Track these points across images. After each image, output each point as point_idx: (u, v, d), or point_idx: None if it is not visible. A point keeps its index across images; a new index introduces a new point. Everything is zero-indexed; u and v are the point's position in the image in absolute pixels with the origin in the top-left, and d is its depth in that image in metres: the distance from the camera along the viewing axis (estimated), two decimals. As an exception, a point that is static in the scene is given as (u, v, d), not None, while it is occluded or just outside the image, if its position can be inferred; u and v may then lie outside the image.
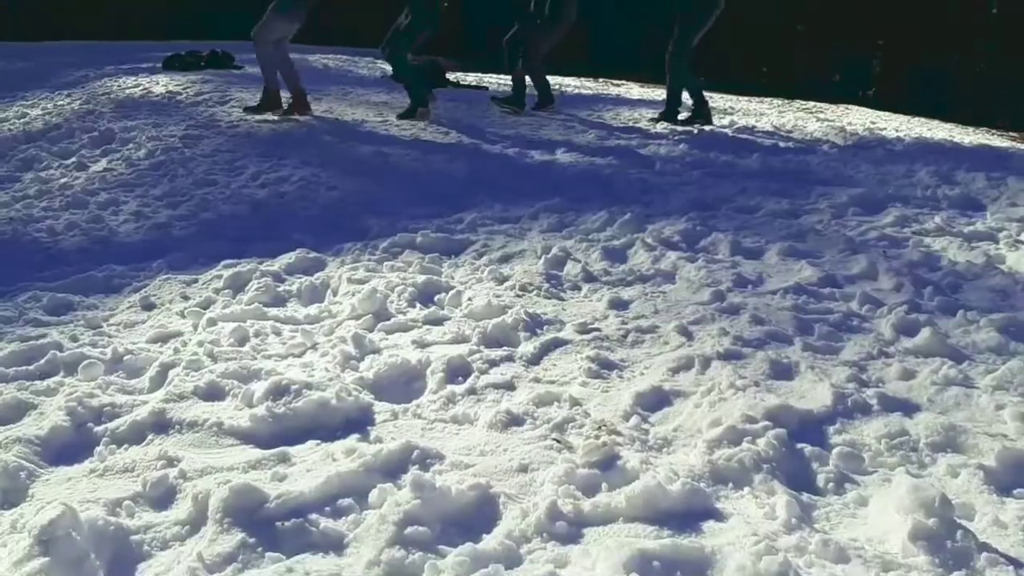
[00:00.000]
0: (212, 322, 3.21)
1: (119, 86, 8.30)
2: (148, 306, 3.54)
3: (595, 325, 3.08)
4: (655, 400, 2.54)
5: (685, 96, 7.35)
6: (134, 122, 6.72)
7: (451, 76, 10.50)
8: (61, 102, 7.80)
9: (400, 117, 7.11)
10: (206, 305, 3.44)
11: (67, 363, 2.90)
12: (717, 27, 7.18)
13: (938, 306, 3.23)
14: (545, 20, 7.26)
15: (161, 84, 8.20)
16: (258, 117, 6.72)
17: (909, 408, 2.47)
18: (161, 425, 2.45)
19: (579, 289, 3.51)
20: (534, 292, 3.43)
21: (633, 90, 10.98)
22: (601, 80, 12.95)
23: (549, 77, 7.93)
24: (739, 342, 2.89)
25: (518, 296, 3.39)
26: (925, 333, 2.90)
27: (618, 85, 11.98)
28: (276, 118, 6.71)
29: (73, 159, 6.00)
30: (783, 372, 2.69)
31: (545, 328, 3.07)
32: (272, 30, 6.56)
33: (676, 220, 4.36)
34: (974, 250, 3.91)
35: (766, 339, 2.92)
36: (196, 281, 3.75)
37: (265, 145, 6.09)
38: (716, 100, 10.30)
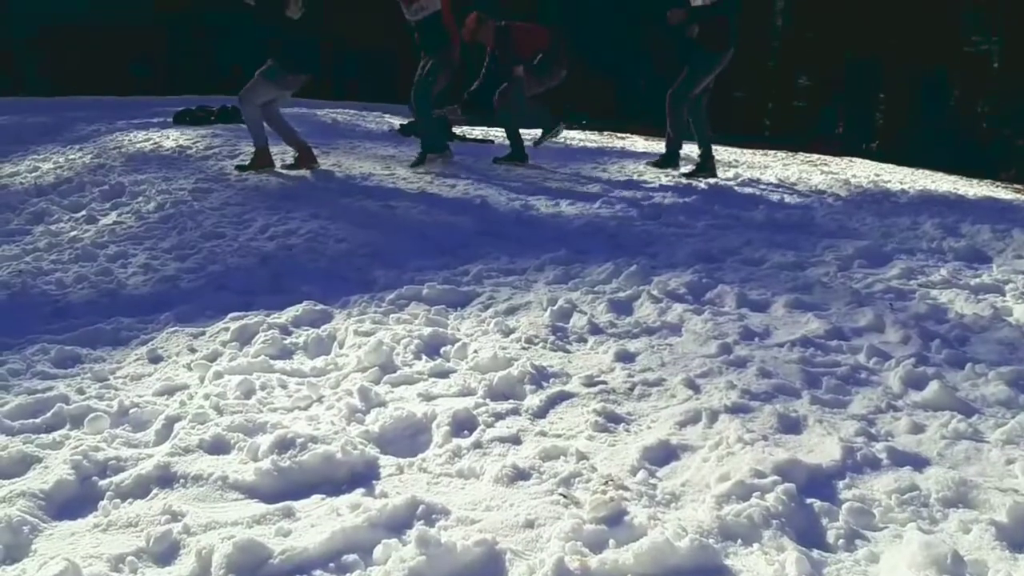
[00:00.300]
0: (218, 375, 3.21)
1: (130, 140, 8.41)
2: (155, 359, 3.55)
3: (601, 378, 3.07)
4: (663, 454, 2.52)
5: (688, 148, 7.41)
6: (144, 176, 6.80)
7: (457, 130, 10.62)
8: (73, 156, 7.90)
9: (412, 166, 7.33)
10: (213, 358, 3.44)
11: (73, 416, 2.90)
12: (722, 78, 7.22)
13: (946, 359, 3.22)
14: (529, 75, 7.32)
15: (172, 138, 8.31)
16: (254, 174, 6.78)
17: (919, 463, 2.44)
18: (166, 479, 2.44)
19: (585, 341, 3.51)
20: (540, 344, 3.43)
21: (637, 143, 11.08)
22: (606, 133, 13.09)
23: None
24: (747, 395, 2.87)
25: (524, 348, 3.39)
26: (934, 386, 2.88)
27: (623, 138, 12.10)
28: (290, 171, 6.78)
29: (83, 212, 6.06)
30: (791, 426, 2.67)
31: (551, 381, 3.06)
32: (258, 93, 6.63)
33: (682, 272, 4.37)
34: (981, 302, 3.91)
35: (774, 392, 2.91)
36: (203, 333, 3.76)
37: (274, 198, 6.14)
38: (720, 152, 10.38)
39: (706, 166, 7.29)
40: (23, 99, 14.91)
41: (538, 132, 7.96)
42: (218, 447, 2.62)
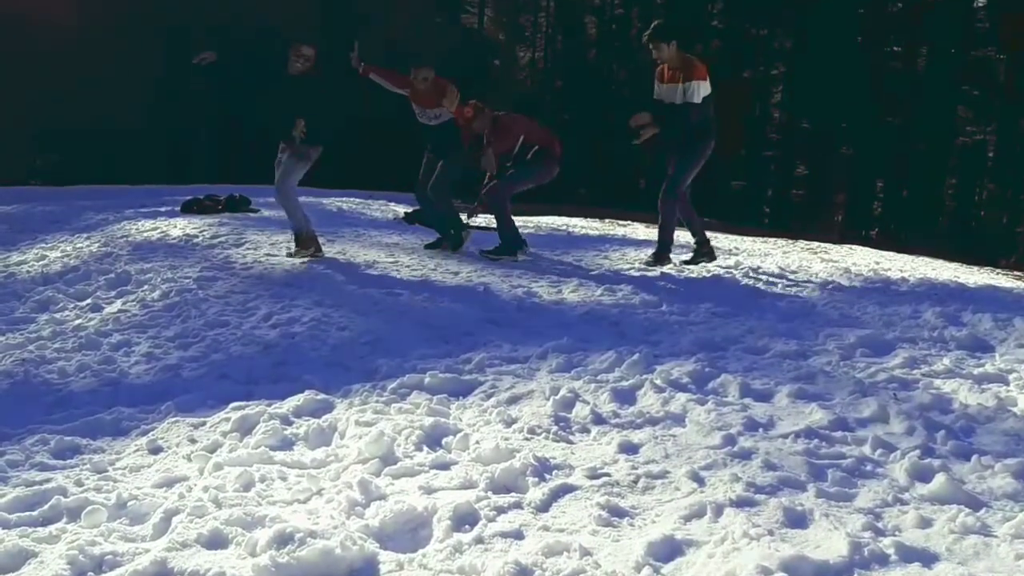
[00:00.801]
0: (218, 466, 3.19)
1: (137, 229, 8.51)
2: (155, 449, 3.53)
3: (605, 470, 3.05)
4: (667, 550, 2.49)
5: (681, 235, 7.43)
6: (150, 264, 6.86)
7: (462, 217, 10.74)
8: (80, 244, 7.98)
9: (427, 247, 7.56)
10: (213, 448, 3.43)
11: (71, 509, 2.88)
12: (714, 166, 7.30)
13: (952, 451, 3.20)
14: (519, 169, 7.39)
15: (178, 227, 8.41)
16: (300, 259, 6.89)
17: (927, 558, 2.41)
18: (162, 575, 2.40)
19: (588, 432, 3.49)
20: (543, 435, 3.41)
21: (638, 230, 11.18)
22: (607, 220, 13.24)
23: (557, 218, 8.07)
24: (751, 488, 2.84)
25: (526, 439, 3.37)
26: (940, 479, 2.85)
27: (624, 225, 12.22)
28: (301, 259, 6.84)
29: (88, 300, 6.10)
30: (797, 520, 2.64)
31: (554, 473, 3.03)
32: (295, 177, 6.82)
33: (685, 361, 4.37)
34: (985, 392, 3.89)
35: (779, 485, 2.88)
36: (204, 424, 3.75)
37: (278, 286, 6.18)
38: (720, 240, 10.49)
39: (702, 250, 7.30)
40: (33, 188, 15.15)
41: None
42: (216, 541, 2.59)
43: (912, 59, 31.13)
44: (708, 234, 7.48)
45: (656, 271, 6.99)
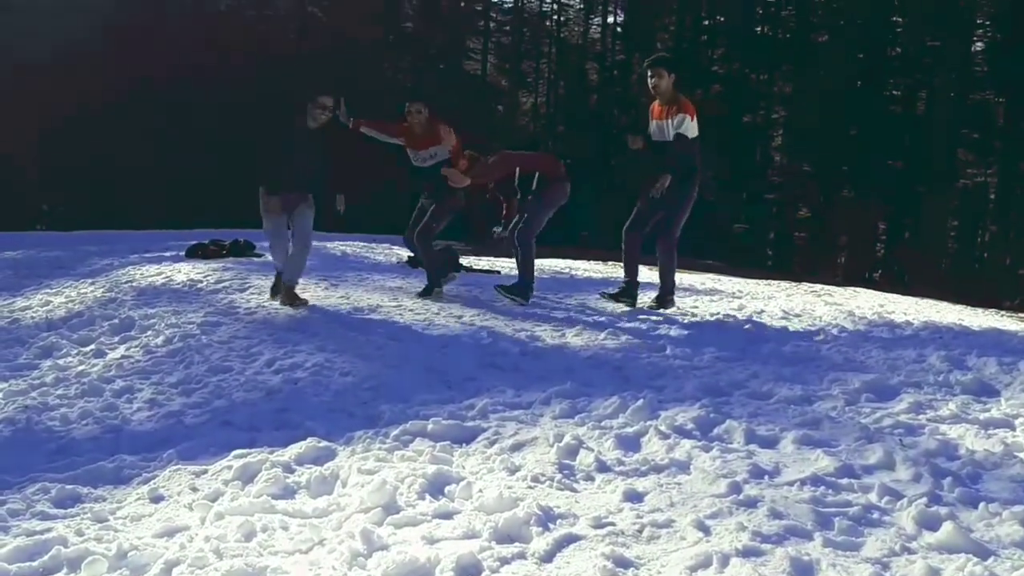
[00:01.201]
0: (220, 516, 3.17)
1: (142, 274, 8.54)
2: (156, 498, 3.51)
3: (610, 519, 3.02)
4: (673, 601, 2.45)
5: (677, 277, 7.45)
6: (154, 309, 6.88)
7: (464, 260, 10.78)
8: (84, 290, 8.01)
9: (419, 295, 7.46)
10: (214, 497, 3.40)
11: (71, 559, 2.86)
12: (717, 210, 7.32)
13: (959, 498, 3.16)
14: (531, 202, 7.40)
15: (183, 272, 8.44)
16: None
17: (937, 610, 2.37)
18: (162, 629, 2.38)
19: (592, 480, 3.46)
20: (547, 483, 3.39)
21: (642, 272, 11.18)
22: (610, 263, 13.26)
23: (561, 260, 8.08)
24: (758, 537, 2.81)
25: (530, 487, 3.34)
26: (947, 527, 2.82)
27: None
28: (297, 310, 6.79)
29: (92, 346, 6.11)
30: (804, 570, 2.61)
31: (558, 522, 3.00)
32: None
33: (689, 406, 4.34)
34: (991, 438, 3.86)
35: (785, 534, 2.85)
36: (206, 472, 3.73)
37: (281, 331, 6.19)
38: (724, 283, 10.51)
39: (629, 292, 7.27)
40: (39, 233, 15.24)
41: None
42: (216, 593, 2.56)
43: (912, 102, 31.41)
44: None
45: (660, 315, 6.99)
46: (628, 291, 7.32)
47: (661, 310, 7.11)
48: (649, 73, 6.98)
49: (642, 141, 7.06)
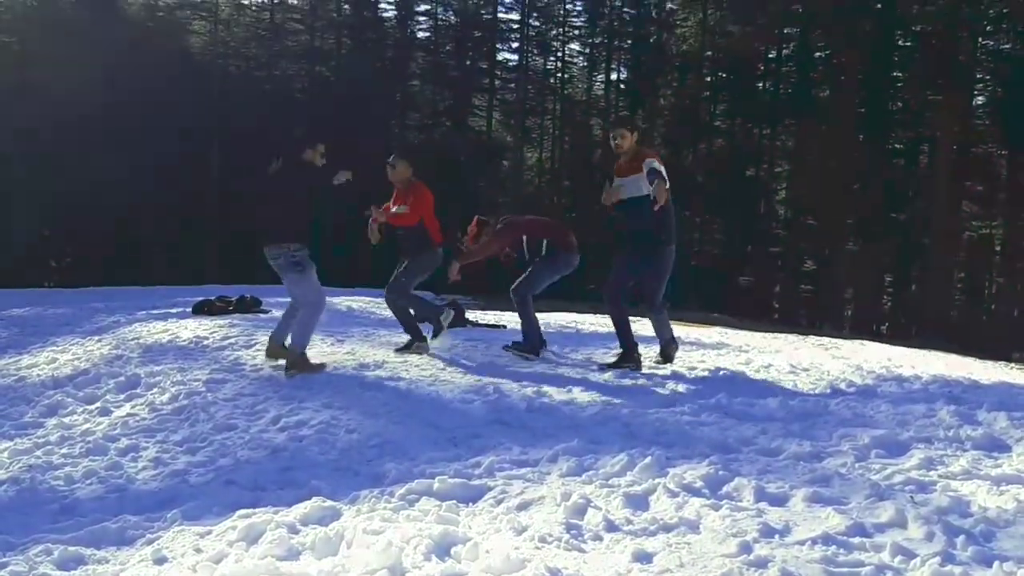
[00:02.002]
0: (223, 578, 3.13)
1: (148, 331, 8.56)
2: (160, 559, 3.48)
3: (618, 580, 2.97)
4: (683, 666, 2.40)
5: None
6: (160, 367, 6.88)
7: (470, 315, 10.80)
8: (91, 347, 8.03)
9: (399, 351, 7.46)
10: (218, 559, 3.37)
11: (72, 624, 2.81)
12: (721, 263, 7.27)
13: (972, 556, 3.11)
14: (537, 266, 7.44)
15: (189, 329, 8.46)
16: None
17: (955, 675, 2.32)
18: None
19: (600, 539, 3.41)
20: (554, 543, 3.34)
21: (648, 326, 11.17)
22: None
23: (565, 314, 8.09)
24: (769, 599, 2.77)
25: (537, 548, 3.30)
26: (963, 588, 2.78)
27: (634, 322, 12.21)
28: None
29: (97, 404, 6.10)
30: (817, 633, 2.56)
31: (566, 584, 2.96)
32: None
33: (698, 463, 4.31)
34: (1004, 494, 3.81)
35: (797, 595, 2.80)
36: (210, 532, 3.69)
37: (287, 388, 6.18)
38: (730, 336, 10.49)
39: (631, 357, 7.02)
40: (46, 290, 15.31)
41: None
42: (219, 659, 2.52)
43: (914, 155, 31.65)
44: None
45: (668, 367, 7.00)
46: (628, 355, 7.05)
47: (667, 364, 7.12)
48: (612, 135, 6.97)
49: (612, 197, 6.87)
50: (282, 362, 6.63)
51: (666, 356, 7.23)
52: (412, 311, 7.65)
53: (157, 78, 25.85)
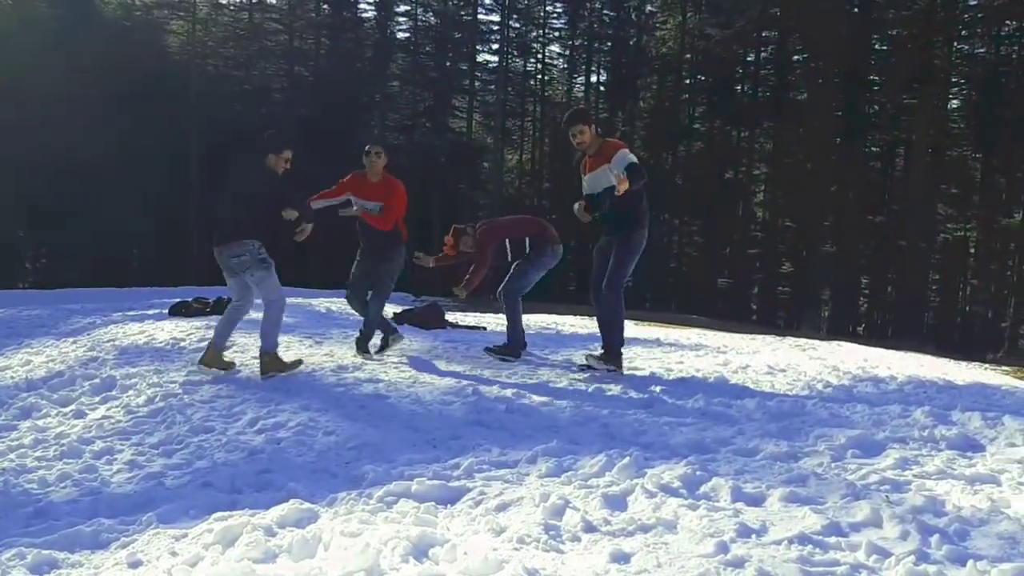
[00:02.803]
0: (199, 581, 3.10)
1: (124, 333, 8.49)
2: (134, 563, 3.44)
3: (596, 581, 2.98)
4: (660, 666, 2.41)
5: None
6: (136, 368, 6.82)
7: (450, 317, 10.79)
8: (66, 349, 7.94)
9: (379, 351, 7.53)
10: (194, 562, 3.34)
11: (44, 629, 2.78)
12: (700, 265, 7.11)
13: (947, 555, 3.14)
14: (521, 264, 7.42)
15: (166, 331, 8.39)
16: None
17: (928, 672, 2.34)
18: None
19: (579, 540, 3.41)
20: (532, 544, 3.34)
21: (627, 328, 11.20)
22: (595, 318, 13.27)
23: (548, 316, 8.09)
24: (745, 598, 2.78)
25: (515, 549, 3.29)
26: (937, 586, 2.80)
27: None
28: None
29: (72, 407, 6.03)
30: (793, 632, 2.57)
31: (544, 585, 2.96)
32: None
33: (675, 464, 4.32)
34: (977, 494, 3.85)
35: (773, 595, 2.82)
36: (186, 535, 3.66)
37: (264, 390, 6.14)
38: (709, 337, 10.53)
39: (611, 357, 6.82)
40: (20, 291, 15.14)
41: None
42: (194, 663, 2.49)
43: (890, 158, 31.96)
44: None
45: (647, 367, 6.97)
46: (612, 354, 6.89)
47: (606, 368, 6.73)
48: (571, 133, 6.69)
49: (587, 210, 6.75)
50: (214, 371, 6.59)
51: (607, 361, 6.80)
52: (370, 319, 7.51)
53: (134, 78, 25.66)
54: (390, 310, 10.76)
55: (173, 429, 5.41)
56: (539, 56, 39.40)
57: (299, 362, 6.70)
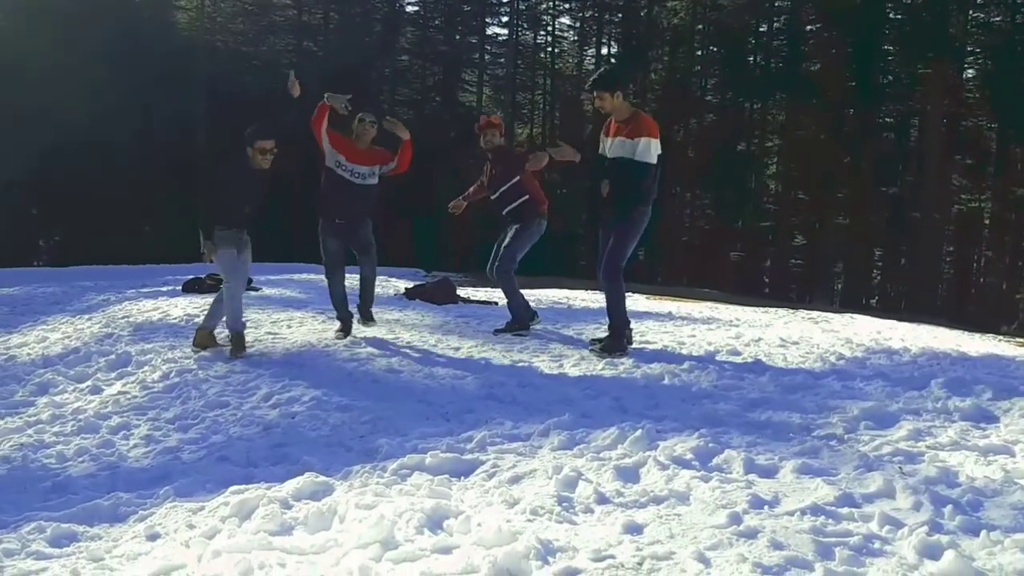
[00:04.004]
0: (216, 553, 3.14)
1: (139, 309, 8.54)
2: (153, 536, 3.49)
3: (609, 552, 2.99)
4: (674, 635, 2.43)
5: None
6: (151, 344, 6.87)
7: (462, 292, 10.79)
8: (81, 326, 8.00)
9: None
10: (211, 535, 3.38)
11: (65, 600, 2.82)
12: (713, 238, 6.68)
13: (960, 526, 3.14)
14: (513, 238, 7.30)
15: (180, 307, 8.44)
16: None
17: (941, 641, 2.35)
18: (157, 670, 2.35)
19: (592, 512, 3.43)
20: (545, 516, 3.36)
21: (639, 301, 11.19)
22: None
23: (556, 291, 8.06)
24: (759, 569, 2.79)
25: (529, 521, 3.31)
26: (949, 556, 2.81)
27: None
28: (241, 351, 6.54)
29: (88, 383, 6.09)
30: (806, 602, 2.58)
31: (558, 556, 2.98)
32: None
33: (688, 436, 4.33)
34: (991, 465, 3.84)
35: (786, 565, 2.83)
36: (203, 508, 3.70)
37: (278, 365, 6.18)
38: (721, 311, 10.51)
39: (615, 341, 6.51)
40: (35, 269, 15.23)
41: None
42: (213, 633, 2.53)
43: (904, 129, 31.66)
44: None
45: (659, 340, 6.88)
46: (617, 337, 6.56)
47: (610, 356, 6.33)
48: (593, 95, 6.39)
49: (566, 155, 6.67)
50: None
51: (610, 349, 6.47)
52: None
53: (143, 54, 25.62)
54: (402, 285, 10.80)
55: (188, 404, 5.46)
56: (549, 28, 39.09)
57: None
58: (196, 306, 8.46)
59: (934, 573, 2.76)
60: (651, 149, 6.21)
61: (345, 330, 7.12)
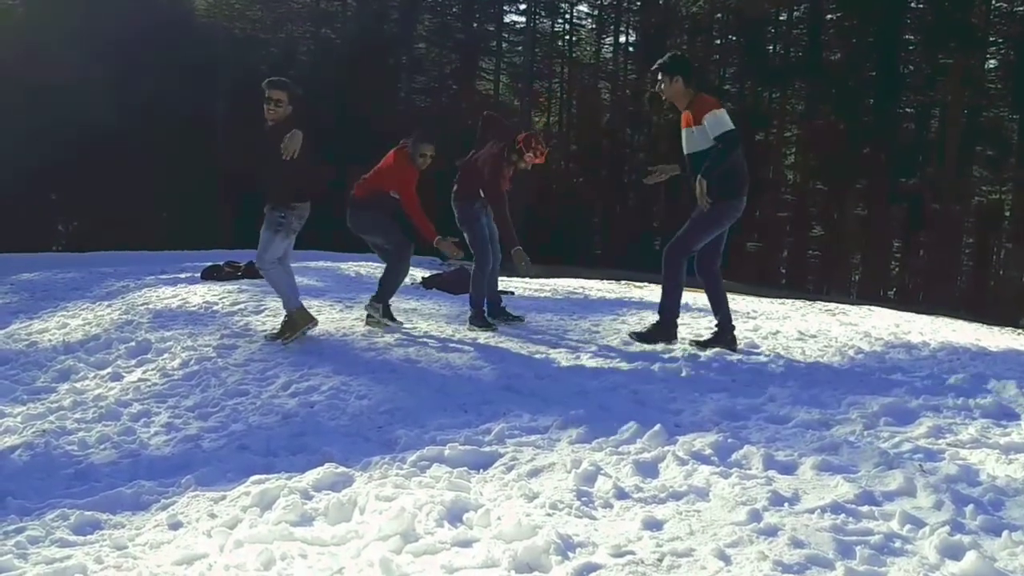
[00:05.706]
0: (239, 544, 3.17)
1: (158, 296, 8.58)
2: (175, 524, 3.52)
3: (629, 547, 3.00)
4: (694, 633, 2.43)
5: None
6: (171, 332, 6.91)
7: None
8: (101, 312, 8.05)
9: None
10: (233, 524, 3.41)
11: (90, 588, 2.86)
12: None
13: (981, 525, 3.13)
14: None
15: (199, 294, 8.47)
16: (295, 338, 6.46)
17: (963, 643, 2.34)
18: (182, 660, 2.38)
19: (611, 507, 3.44)
20: (565, 510, 3.37)
21: (655, 292, 11.16)
22: (623, 282, 13.26)
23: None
24: (779, 567, 2.79)
25: (548, 515, 3.32)
26: (971, 556, 2.80)
27: (640, 287, 12.22)
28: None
29: (109, 369, 6.13)
30: (827, 601, 2.58)
31: (577, 551, 2.99)
32: (272, 251, 6.39)
33: (707, 431, 4.32)
34: (1012, 463, 3.82)
35: (807, 563, 2.83)
36: (224, 498, 3.73)
37: (297, 354, 6.20)
38: (738, 302, 10.46)
39: (723, 337, 6.41)
40: (55, 254, 15.35)
41: None
42: (236, 624, 2.55)
43: (925, 120, 31.37)
44: (731, 314, 6.57)
45: (657, 347, 6.36)
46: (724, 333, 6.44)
47: (653, 343, 6.37)
48: (659, 78, 6.25)
49: (660, 176, 6.62)
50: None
51: (654, 336, 6.46)
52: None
53: (160, 41, 25.69)
54: (419, 275, 10.81)
55: (208, 392, 5.49)
56: (567, 16, 38.93)
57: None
58: (215, 293, 8.50)
59: (956, 574, 2.76)
60: (720, 119, 6.01)
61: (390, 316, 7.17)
